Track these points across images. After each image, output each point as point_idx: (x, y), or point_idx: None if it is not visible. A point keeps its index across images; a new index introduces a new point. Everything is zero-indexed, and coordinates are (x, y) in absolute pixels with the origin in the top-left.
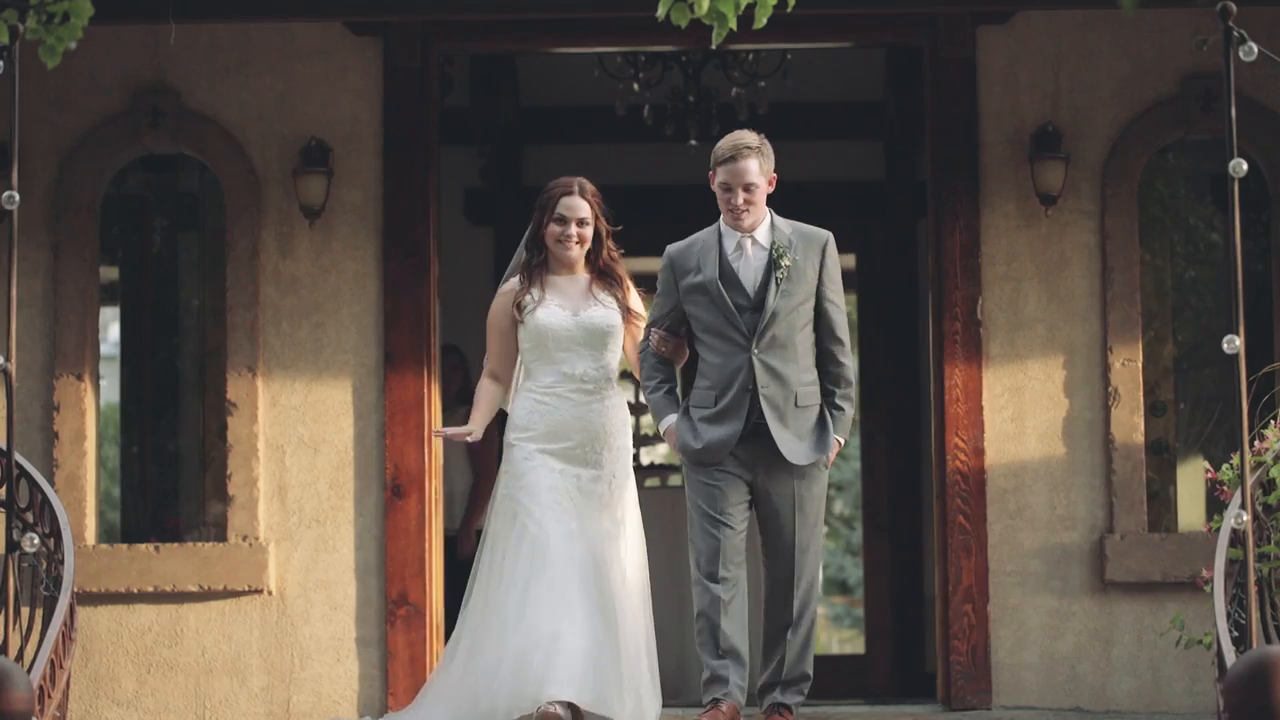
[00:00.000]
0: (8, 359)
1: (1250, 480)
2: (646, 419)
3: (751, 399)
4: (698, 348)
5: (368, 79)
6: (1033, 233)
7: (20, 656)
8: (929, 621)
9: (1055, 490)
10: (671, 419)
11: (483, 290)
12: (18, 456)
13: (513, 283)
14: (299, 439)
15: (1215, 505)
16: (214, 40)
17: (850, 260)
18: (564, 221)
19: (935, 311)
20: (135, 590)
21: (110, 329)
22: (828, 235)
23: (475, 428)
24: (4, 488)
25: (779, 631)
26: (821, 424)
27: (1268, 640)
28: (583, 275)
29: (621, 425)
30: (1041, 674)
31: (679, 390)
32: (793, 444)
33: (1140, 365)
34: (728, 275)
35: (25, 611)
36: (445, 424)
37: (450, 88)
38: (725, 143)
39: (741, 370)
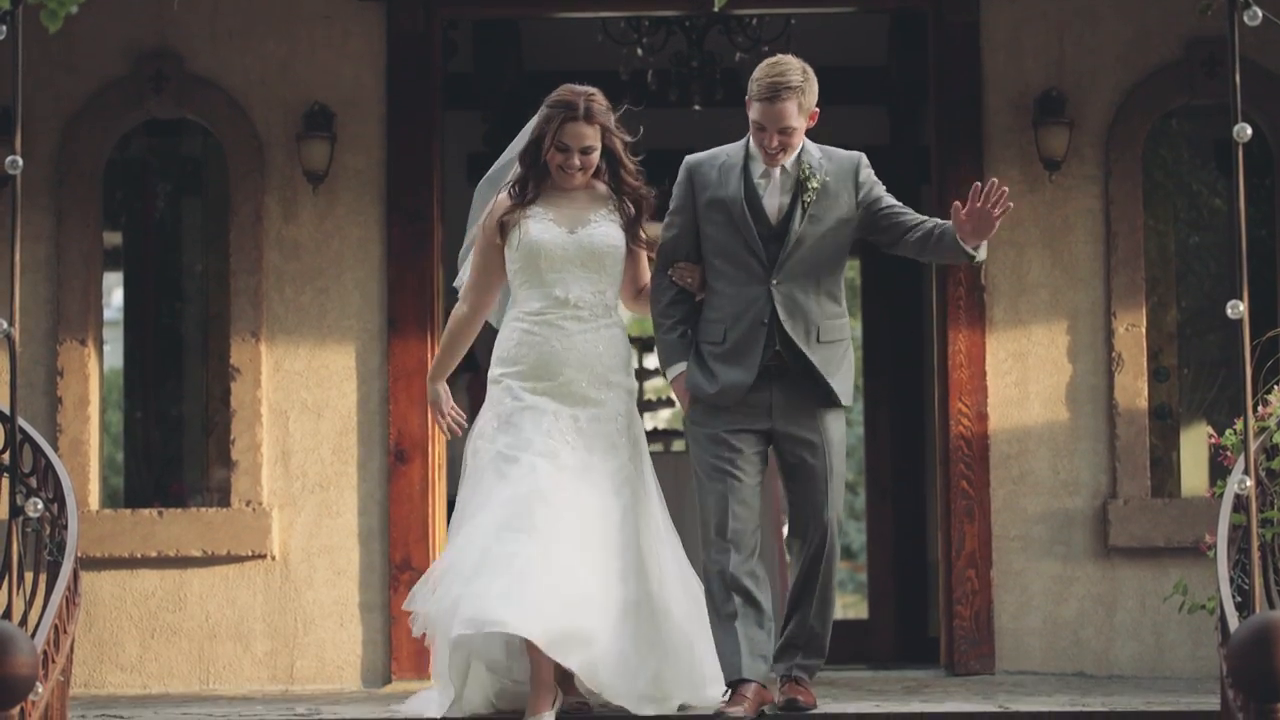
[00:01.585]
0: (11, 324)
1: (1254, 445)
2: (649, 384)
3: (768, 334)
4: (708, 275)
5: (371, 44)
6: (1036, 198)
7: (24, 621)
8: (932, 586)
9: (1058, 455)
10: (682, 366)
11: None
12: (21, 421)
13: (503, 197)
14: (302, 404)
15: (1218, 470)
16: (217, 4)
17: None
18: (567, 150)
19: (939, 277)
20: (139, 555)
21: (113, 294)
22: (859, 156)
23: (444, 402)
24: (7, 452)
25: (806, 580)
26: (845, 362)
27: (1271, 605)
28: (585, 190)
29: (623, 361)
30: (1044, 639)
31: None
32: (809, 384)
33: (1144, 330)
34: (752, 197)
35: (29, 576)
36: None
37: (453, 52)
38: (764, 74)
39: (757, 302)
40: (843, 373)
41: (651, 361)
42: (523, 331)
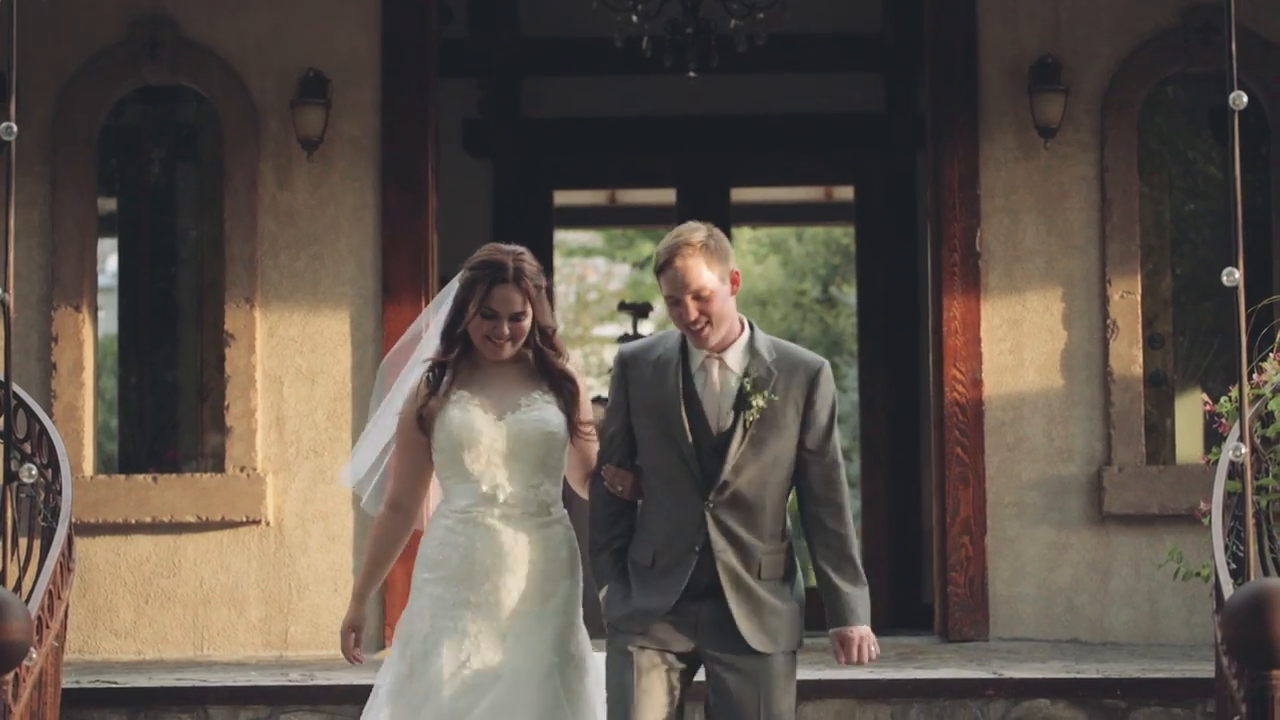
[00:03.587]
0: (5, 290)
1: (1249, 413)
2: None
3: (699, 564)
4: (643, 484)
5: (366, 10)
6: (1031, 165)
7: (18, 587)
8: (926, 553)
9: (1053, 422)
10: (607, 589)
11: (481, 222)
12: (15, 387)
13: (417, 385)
14: (297, 370)
15: (1213, 438)
16: None
17: (849, 192)
18: (494, 317)
19: (934, 243)
20: (133, 521)
21: (108, 260)
22: (821, 364)
23: (354, 624)
24: (1, 418)
25: None
26: (794, 598)
27: (1265, 573)
28: (515, 364)
29: (564, 567)
30: (1039, 605)
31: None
32: (755, 625)
33: (1139, 298)
34: (691, 401)
35: (23, 542)
36: None
37: (449, 19)
38: (662, 243)
39: (689, 526)
40: (791, 619)
41: (646, 328)
42: (446, 530)
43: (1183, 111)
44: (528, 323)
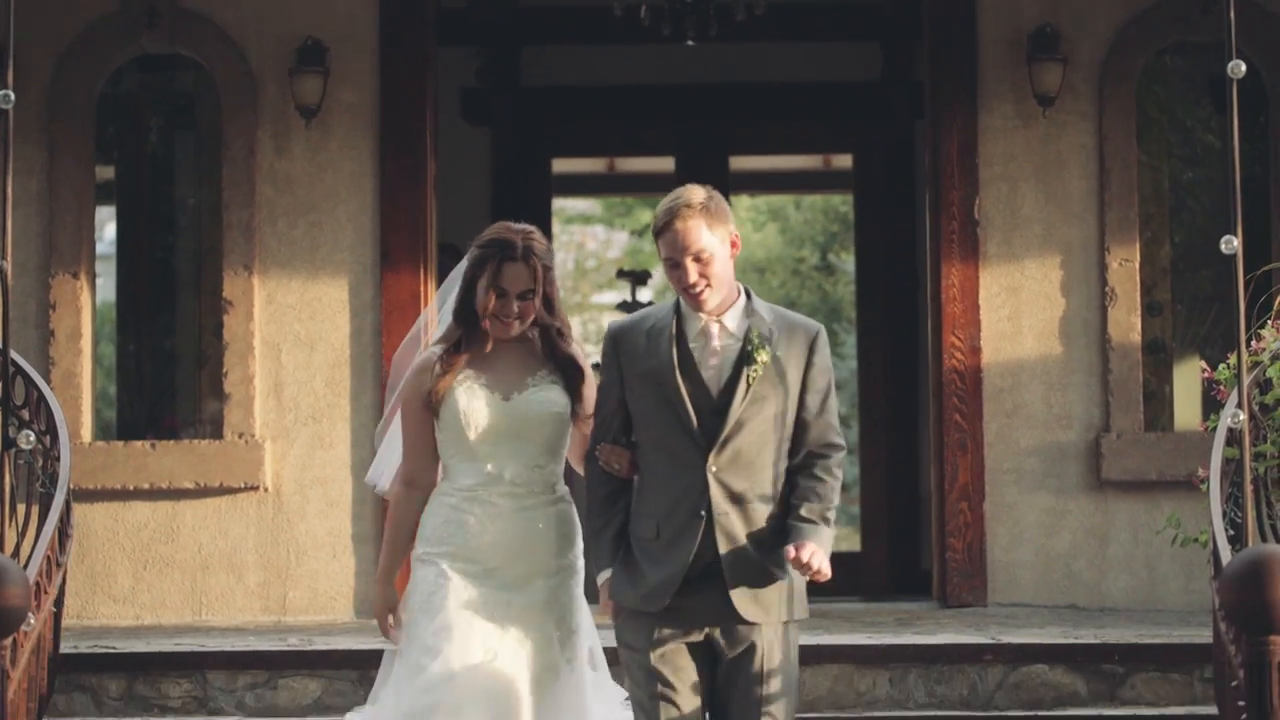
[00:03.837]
0: (3, 257)
1: (1247, 380)
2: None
3: (706, 528)
4: (639, 459)
5: None
6: (1030, 133)
7: (16, 553)
8: (925, 519)
9: (1051, 389)
10: (609, 572)
11: (479, 190)
12: (13, 354)
13: (432, 353)
14: (295, 337)
15: (1211, 404)
16: None
17: (847, 161)
18: (503, 295)
19: (932, 211)
20: (131, 487)
21: (106, 228)
22: (818, 328)
23: (388, 606)
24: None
25: None
26: (795, 572)
27: (1263, 539)
28: (520, 344)
29: (567, 543)
30: (1037, 571)
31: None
32: (750, 595)
33: (1137, 265)
34: (687, 365)
35: (21, 509)
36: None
37: None
38: (661, 205)
39: (692, 491)
40: (792, 586)
41: (645, 295)
42: (450, 508)
43: (1181, 80)
44: (536, 301)
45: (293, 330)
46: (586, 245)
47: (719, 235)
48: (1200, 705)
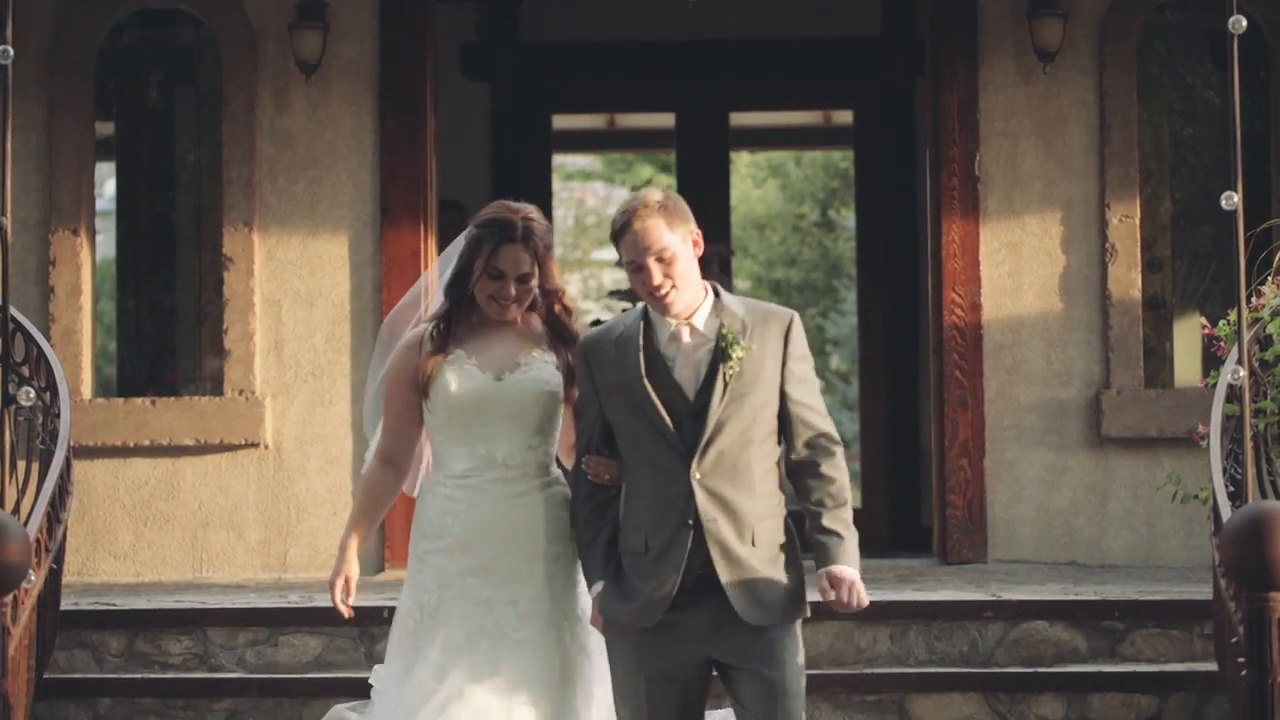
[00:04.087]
0: (3, 214)
1: (1247, 336)
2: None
3: (696, 538)
4: (624, 471)
5: None
6: (1031, 89)
7: (17, 510)
8: (925, 476)
9: (1052, 346)
10: (601, 585)
11: (480, 146)
12: (13, 310)
13: (423, 329)
14: (295, 293)
15: (1211, 361)
16: None
17: (848, 117)
18: (501, 277)
19: (933, 168)
20: (131, 444)
21: (106, 184)
22: (792, 315)
23: (342, 573)
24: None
25: None
26: (792, 568)
27: (1263, 495)
28: (516, 325)
29: (562, 529)
30: (1037, 528)
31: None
32: (748, 598)
33: (1138, 221)
34: (658, 373)
35: (21, 465)
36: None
37: None
38: (617, 210)
39: (678, 500)
40: (791, 586)
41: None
42: (445, 498)
43: (1182, 36)
44: (534, 284)
45: (293, 287)
46: (586, 201)
47: (679, 234)
48: (1200, 661)
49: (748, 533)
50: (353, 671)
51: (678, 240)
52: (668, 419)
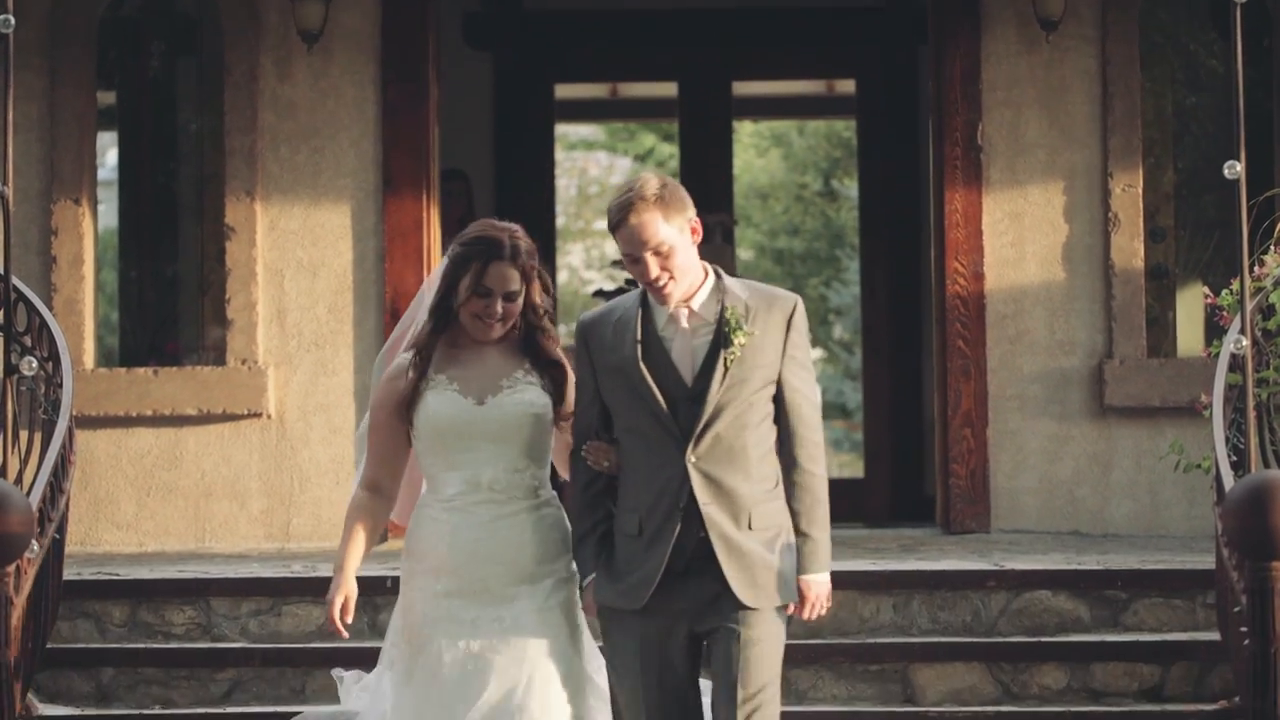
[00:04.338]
0: (4, 183)
1: (1250, 305)
2: None
3: (685, 520)
4: (621, 454)
5: None
6: (1034, 58)
7: (19, 480)
8: (928, 445)
9: (1055, 315)
10: (593, 578)
11: (482, 116)
12: (15, 280)
13: (404, 359)
14: (298, 263)
15: (1214, 330)
16: None
17: (850, 86)
18: (488, 295)
19: (935, 137)
20: (134, 414)
21: (108, 154)
22: (795, 299)
23: (339, 593)
24: (1, 311)
25: None
26: (787, 550)
27: (1266, 465)
28: (497, 344)
29: (555, 549)
30: (1040, 498)
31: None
32: (746, 580)
33: (1140, 191)
34: (655, 355)
35: (24, 435)
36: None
37: None
38: (614, 199)
39: (673, 483)
40: (786, 568)
41: None
42: (430, 520)
43: (1185, 4)
44: (520, 303)
45: (295, 256)
46: (589, 171)
47: (676, 225)
48: (1203, 631)
49: (744, 516)
50: (355, 641)
51: (675, 232)
52: (663, 402)
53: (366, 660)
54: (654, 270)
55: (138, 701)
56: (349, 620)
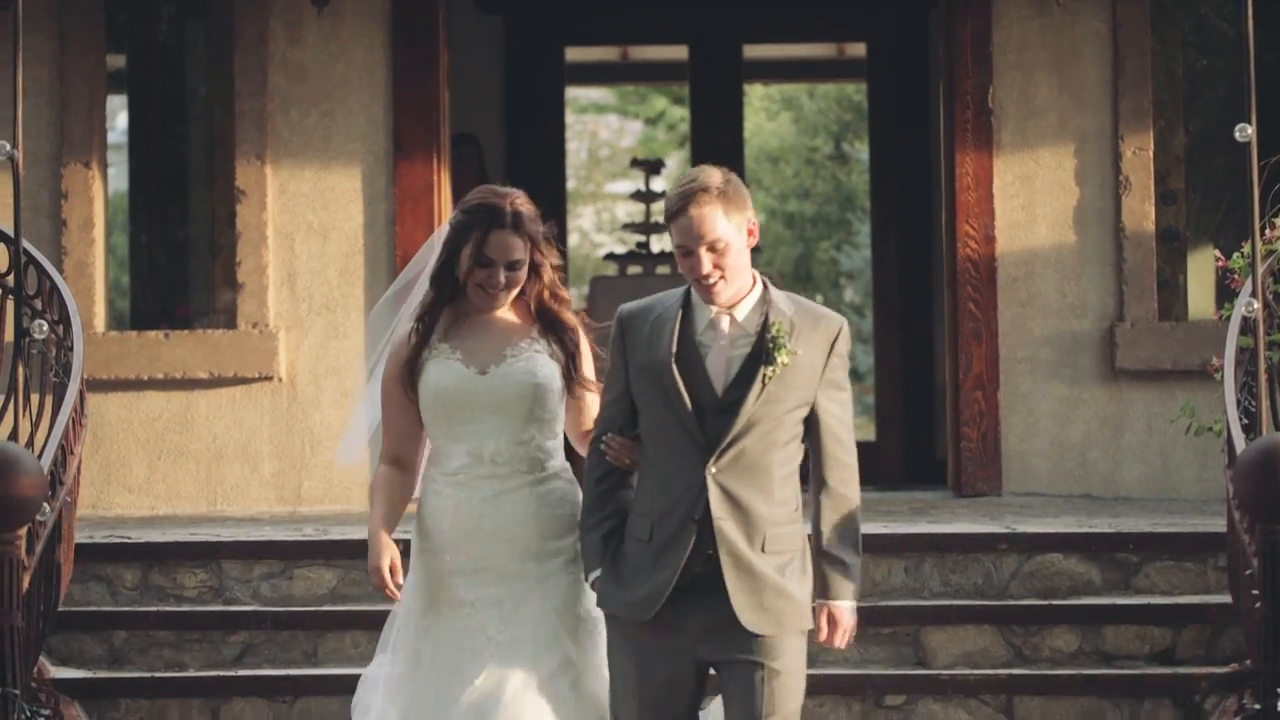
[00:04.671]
0: (15, 147)
1: (1261, 268)
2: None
3: (699, 535)
4: (641, 454)
5: None
6: (1044, 21)
7: (31, 443)
8: (939, 408)
9: (1066, 278)
10: (598, 572)
11: (493, 80)
12: (25, 244)
13: (406, 329)
14: (308, 226)
15: (1225, 293)
16: None
17: (861, 49)
18: (490, 265)
19: (946, 100)
20: (145, 378)
21: (118, 117)
22: (841, 322)
23: (383, 557)
24: (12, 275)
25: None
26: (801, 579)
27: (1277, 428)
28: (503, 314)
29: (564, 524)
30: (1051, 461)
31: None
32: (753, 605)
33: (1151, 154)
34: (690, 359)
35: (35, 399)
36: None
37: None
38: (674, 188)
39: (690, 493)
40: (797, 595)
41: (658, 184)
42: (434, 495)
43: None
44: (524, 273)
45: (306, 220)
46: (600, 134)
47: (735, 223)
48: (1214, 594)
49: (758, 537)
50: (367, 604)
51: (733, 230)
52: (691, 409)
53: (378, 623)
54: (706, 266)
55: (149, 664)
56: (400, 581)
